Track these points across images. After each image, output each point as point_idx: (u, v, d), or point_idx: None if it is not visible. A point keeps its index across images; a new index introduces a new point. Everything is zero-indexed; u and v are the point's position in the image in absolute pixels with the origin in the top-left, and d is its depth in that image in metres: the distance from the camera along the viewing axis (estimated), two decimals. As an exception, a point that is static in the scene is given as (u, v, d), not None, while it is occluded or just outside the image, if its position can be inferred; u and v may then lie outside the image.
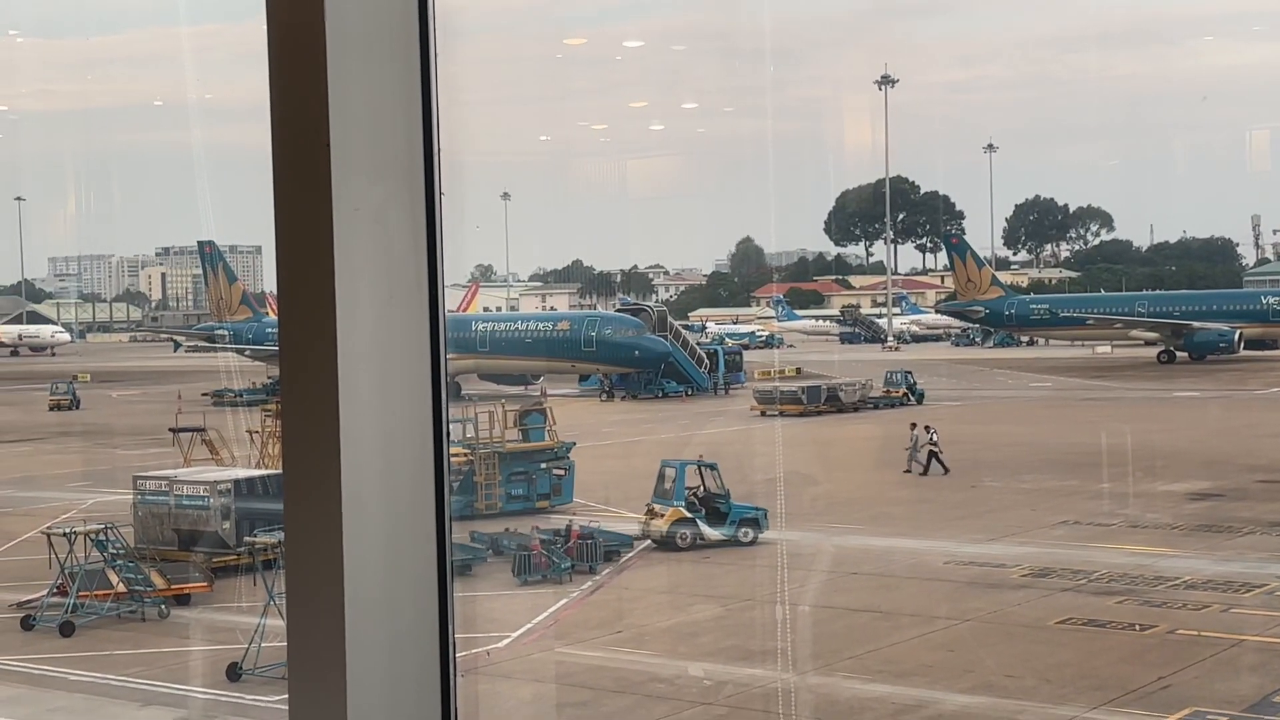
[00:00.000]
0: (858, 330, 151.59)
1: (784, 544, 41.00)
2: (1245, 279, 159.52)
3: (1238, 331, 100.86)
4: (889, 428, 56.17)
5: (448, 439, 4.14)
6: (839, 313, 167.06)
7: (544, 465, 48.14)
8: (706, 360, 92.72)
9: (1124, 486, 49.64)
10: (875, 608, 34.54)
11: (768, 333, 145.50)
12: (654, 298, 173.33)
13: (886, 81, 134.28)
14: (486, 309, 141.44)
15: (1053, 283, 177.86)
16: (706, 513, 41.87)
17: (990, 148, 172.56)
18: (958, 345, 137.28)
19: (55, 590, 35.58)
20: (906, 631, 32.37)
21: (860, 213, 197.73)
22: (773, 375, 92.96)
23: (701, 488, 42.65)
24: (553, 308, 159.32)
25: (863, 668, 29.49)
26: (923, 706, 27.14)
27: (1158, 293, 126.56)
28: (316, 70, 3.90)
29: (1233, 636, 30.95)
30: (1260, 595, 34.43)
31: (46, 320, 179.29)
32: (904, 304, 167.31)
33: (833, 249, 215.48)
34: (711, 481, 42.90)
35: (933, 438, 53.72)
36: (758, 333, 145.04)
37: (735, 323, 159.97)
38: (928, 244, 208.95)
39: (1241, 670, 28.78)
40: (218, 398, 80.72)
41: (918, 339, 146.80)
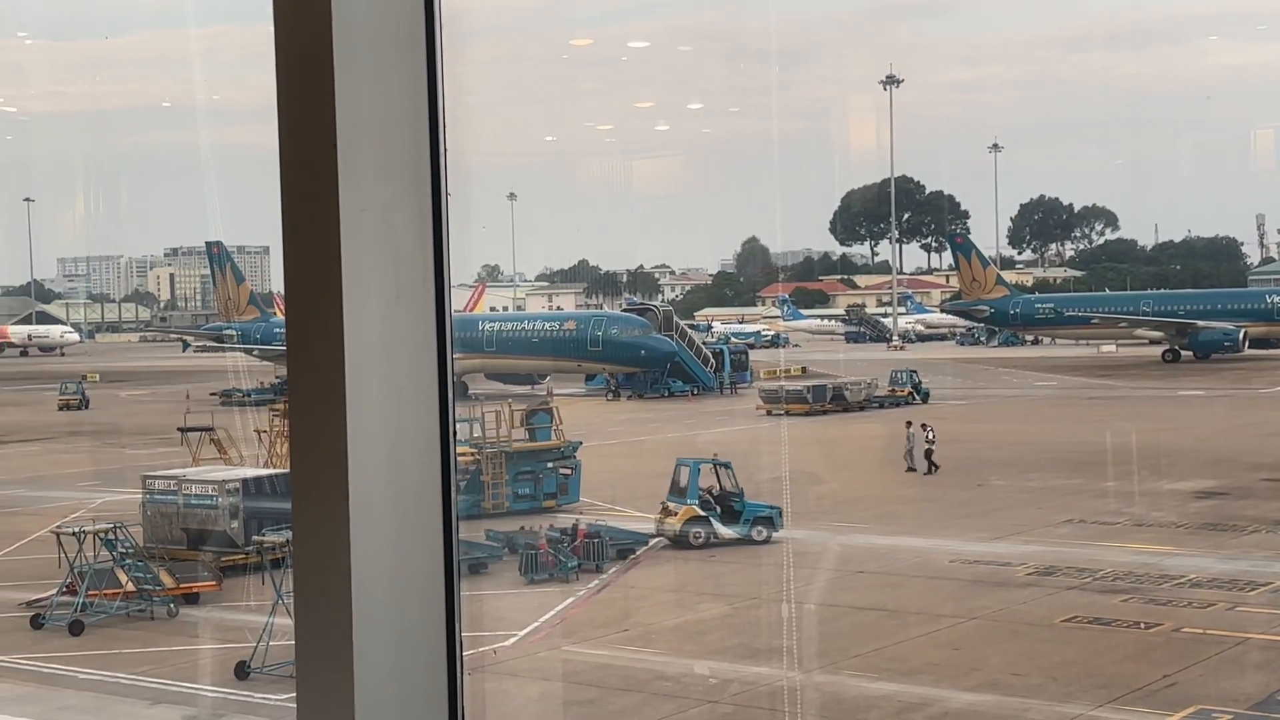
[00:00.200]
0: (863, 330, 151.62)
1: (790, 543, 41.03)
2: (1250, 278, 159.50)
3: (1242, 330, 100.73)
4: (894, 427, 56.11)
5: (454, 438, 4.14)
6: (844, 312, 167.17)
7: (551, 464, 48.16)
8: (712, 360, 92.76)
9: (1129, 485, 49.61)
10: (881, 606, 34.54)
11: (773, 332, 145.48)
12: (660, 297, 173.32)
13: (892, 81, 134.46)
14: (493, 309, 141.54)
15: (1057, 282, 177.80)
16: (721, 511, 41.90)
17: (995, 147, 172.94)
18: (963, 344, 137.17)
19: (65, 589, 35.67)
20: (912, 630, 32.37)
21: (865, 212, 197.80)
22: (778, 374, 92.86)
23: (717, 486, 42.68)
24: (559, 307, 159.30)
25: (868, 666, 29.48)
26: (928, 705, 27.14)
27: (1162, 292, 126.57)
28: (323, 71, 3.91)
29: (1238, 635, 30.94)
30: (1265, 593, 34.38)
31: (56, 320, 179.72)
32: (909, 303, 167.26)
33: (838, 249, 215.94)
34: (726, 480, 42.90)
35: (929, 436, 53.80)
36: (763, 332, 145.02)
37: (741, 322, 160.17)
38: (933, 243, 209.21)
39: (1246, 668, 28.77)
40: (226, 397, 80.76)
41: (923, 338, 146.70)
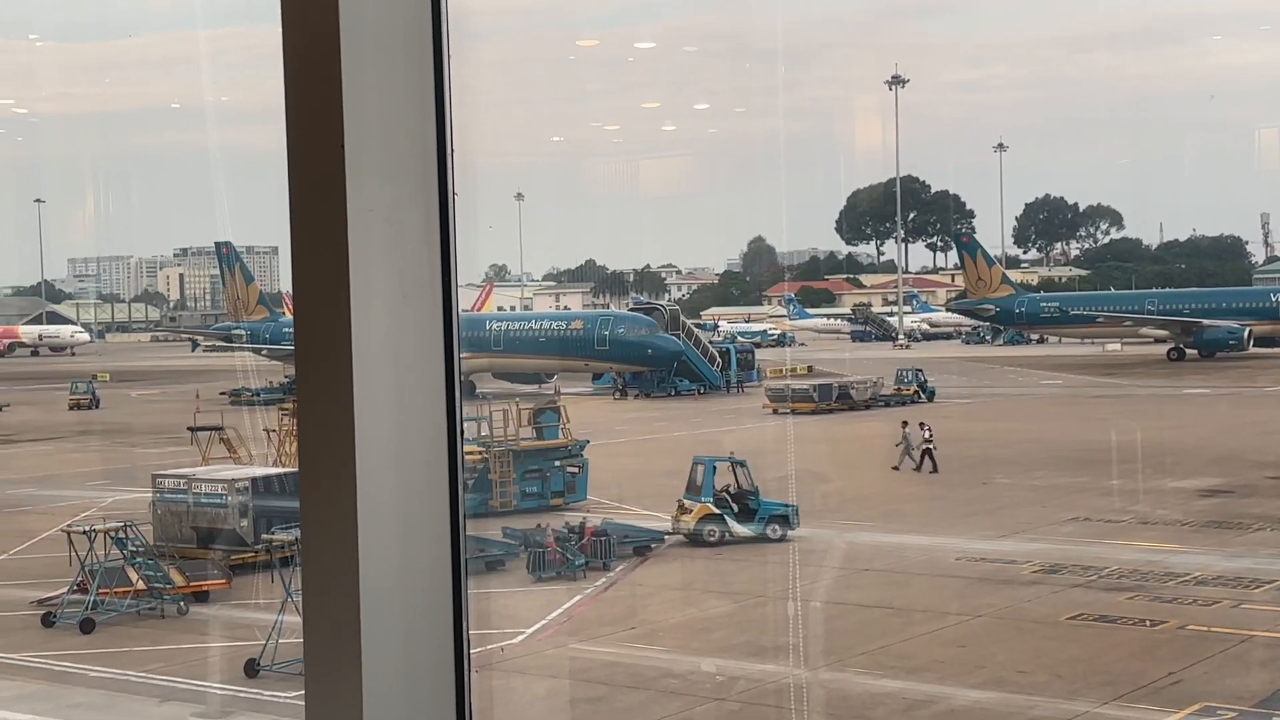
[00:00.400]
0: (869, 329, 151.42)
1: (797, 541, 41.05)
2: (1255, 277, 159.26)
3: (1247, 329, 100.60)
4: (900, 425, 56.11)
5: (462, 437, 4.17)
6: (850, 311, 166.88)
7: (558, 463, 48.17)
8: (719, 359, 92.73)
9: (1134, 483, 49.55)
10: (887, 604, 34.54)
11: (779, 331, 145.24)
12: (667, 297, 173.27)
13: (897, 81, 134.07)
14: (500, 308, 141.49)
15: (1063, 281, 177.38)
16: (737, 509, 41.92)
17: (1000, 147, 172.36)
18: (968, 343, 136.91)
19: (76, 587, 35.70)
20: (918, 627, 32.37)
21: (871, 212, 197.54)
22: (785, 373, 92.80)
23: (734, 484, 42.70)
24: (566, 307, 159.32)
25: (874, 663, 29.48)
26: (934, 702, 27.15)
27: (1167, 290, 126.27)
28: (331, 73, 3.93)
29: (1243, 632, 30.94)
30: (1270, 591, 34.35)
31: (66, 320, 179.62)
32: (915, 302, 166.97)
33: (844, 248, 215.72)
34: (742, 478, 42.91)
35: (927, 435, 53.81)
36: (770, 331, 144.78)
37: (747, 321, 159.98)
38: (938, 243, 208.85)
39: (1251, 665, 28.76)
40: (235, 397, 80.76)
41: (928, 337, 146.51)
